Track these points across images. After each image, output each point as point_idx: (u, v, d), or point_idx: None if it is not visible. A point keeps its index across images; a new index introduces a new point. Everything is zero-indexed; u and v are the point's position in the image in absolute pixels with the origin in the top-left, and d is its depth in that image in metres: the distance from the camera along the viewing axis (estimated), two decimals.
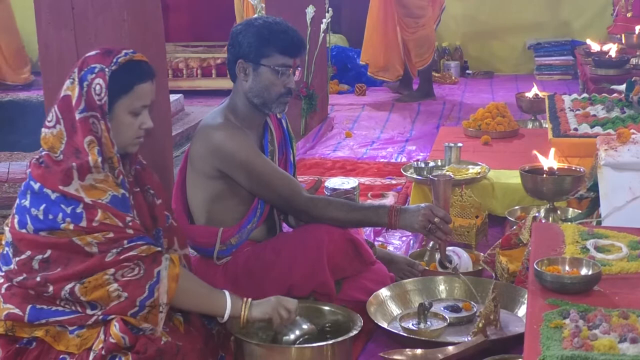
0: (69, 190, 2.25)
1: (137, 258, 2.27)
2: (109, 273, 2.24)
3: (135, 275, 2.26)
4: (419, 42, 7.64)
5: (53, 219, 2.24)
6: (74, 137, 2.30)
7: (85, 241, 2.24)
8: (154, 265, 2.29)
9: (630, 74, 5.77)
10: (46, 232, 2.26)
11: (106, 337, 2.25)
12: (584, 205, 3.33)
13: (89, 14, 3.14)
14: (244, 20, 3.02)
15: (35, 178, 2.29)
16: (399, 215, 2.90)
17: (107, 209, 2.26)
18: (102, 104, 2.31)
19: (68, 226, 2.24)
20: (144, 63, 2.42)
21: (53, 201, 2.25)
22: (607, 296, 2.10)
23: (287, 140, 3.16)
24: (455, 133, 5.20)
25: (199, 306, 2.44)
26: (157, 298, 2.27)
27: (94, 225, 2.24)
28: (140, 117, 2.40)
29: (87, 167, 2.27)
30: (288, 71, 2.90)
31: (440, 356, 2.58)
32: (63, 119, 2.32)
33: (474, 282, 3.09)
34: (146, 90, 2.40)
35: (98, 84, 2.31)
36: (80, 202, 2.24)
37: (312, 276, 2.86)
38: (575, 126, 4.08)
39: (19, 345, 2.30)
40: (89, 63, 2.35)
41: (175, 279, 2.30)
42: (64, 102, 2.34)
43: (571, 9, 9.48)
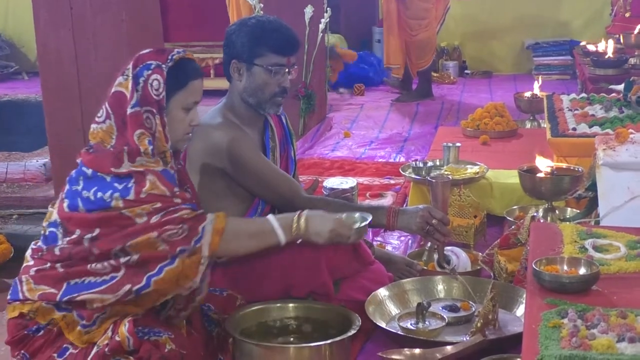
0: (121, 171, 2.30)
1: (181, 220, 2.30)
2: (153, 236, 2.27)
3: (180, 235, 2.29)
4: (420, 44, 7.64)
5: (101, 198, 2.28)
6: (125, 132, 2.35)
7: (134, 212, 2.28)
8: (198, 223, 2.33)
9: (629, 73, 5.77)
10: (97, 211, 2.29)
11: (113, 335, 2.26)
12: (583, 205, 3.33)
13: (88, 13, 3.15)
14: (238, 20, 3.01)
15: (88, 164, 2.34)
16: (397, 216, 2.90)
17: (157, 176, 2.31)
18: (160, 99, 2.36)
19: (117, 203, 2.27)
20: (194, 61, 2.50)
21: (107, 182, 2.29)
22: (606, 296, 2.10)
23: (287, 136, 3.16)
24: (454, 133, 5.20)
25: (253, 245, 2.48)
26: (199, 249, 2.30)
27: (141, 197, 2.28)
28: (190, 113, 2.47)
29: (137, 151, 2.32)
30: (282, 70, 2.90)
31: (439, 356, 2.58)
32: (114, 114, 2.37)
33: (472, 282, 3.09)
34: (198, 87, 2.48)
35: (155, 79, 2.36)
36: (131, 176, 2.29)
37: (311, 276, 2.86)
38: (573, 126, 4.08)
39: (27, 332, 2.33)
40: (144, 60, 2.40)
41: (219, 232, 2.34)
42: (115, 98, 2.38)
43: (570, 9, 9.49)
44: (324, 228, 2.54)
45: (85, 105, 3.28)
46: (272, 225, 2.48)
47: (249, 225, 2.52)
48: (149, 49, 2.46)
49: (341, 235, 2.58)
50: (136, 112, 2.33)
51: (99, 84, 3.23)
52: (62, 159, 3.38)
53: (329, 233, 2.55)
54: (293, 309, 2.77)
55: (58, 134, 3.37)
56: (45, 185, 4.39)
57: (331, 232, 2.55)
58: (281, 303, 2.76)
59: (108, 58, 3.19)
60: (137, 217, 2.27)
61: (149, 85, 2.35)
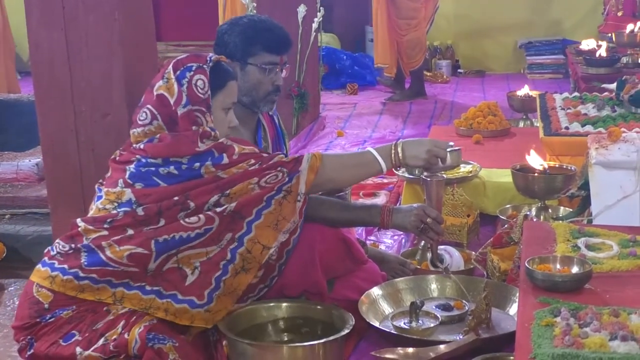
0: (202, 149, 2.38)
1: (280, 164, 2.42)
2: (253, 182, 2.37)
3: (280, 178, 2.41)
4: (410, 44, 7.64)
5: (189, 168, 2.35)
6: (176, 128, 2.41)
7: (231, 172, 2.37)
8: (297, 165, 2.47)
9: (621, 72, 5.78)
10: (185, 181, 2.36)
11: (123, 331, 2.27)
12: (575, 203, 3.34)
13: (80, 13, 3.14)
14: (229, 19, 3.02)
15: (157, 154, 2.39)
16: (392, 215, 2.90)
17: (240, 142, 2.44)
18: (206, 97, 2.44)
19: (208, 168, 2.36)
20: (227, 64, 2.59)
21: (186, 164, 2.37)
22: (598, 294, 2.10)
23: (280, 136, 3.16)
24: (447, 132, 5.20)
25: (357, 175, 2.70)
26: (295, 184, 2.43)
27: (234, 158, 2.39)
28: (229, 114, 2.55)
29: (208, 133, 2.40)
30: (275, 69, 2.91)
31: (432, 355, 2.58)
32: (160, 114, 2.44)
33: (465, 281, 3.09)
34: (235, 88, 2.57)
35: (200, 79, 2.44)
36: (212, 150, 2.38)
37: (304, 275, 2.85)
38: (566, 125, 4.08)
39: (40, 320, 2.36)
40: (184, 63, 2.47)
41: (315, 170, 2.48)
42: (159, 100, 2.45)
43: (562, 8, 9.51)
44: (421, 150, 2.66)
45: (78, 104, 3.27)
46: (373, 155, 2.62)
47: (349, 159, 2.69)
48: (185, 54, 2.54)
49: (438, 154, 2.68)
50: (187, 111, 2.41)
51: (92, 83, 3.23)
52: (55, 159, 3.37)
53: (426, 154, 2.66)
54: (286, 308, 2.77)
55: (51, 134, 3.36)
56: (38, 185, 4.37)
57: (428, 153, 2.67)
58: (274, 302, 2.76)
59: (101, 57, 3.18)
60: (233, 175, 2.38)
61: (194, 86, 2.43)
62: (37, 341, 2.36)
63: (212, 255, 2.37)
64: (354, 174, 2.69)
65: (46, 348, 2.34)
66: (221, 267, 2.39)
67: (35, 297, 2.39)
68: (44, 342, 2.35)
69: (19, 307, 2.44)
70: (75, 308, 2.37)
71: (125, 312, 2.36)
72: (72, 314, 2.36)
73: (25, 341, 2.38)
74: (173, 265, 2.36)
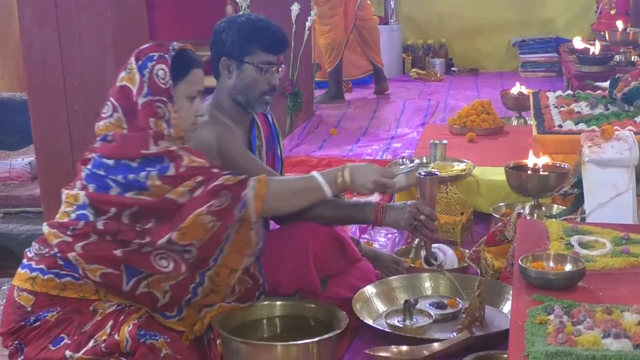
0: (151, 151, 2.32)
1: (224, 187, 2.34)
2: (203, 213, 2.30)
3: (225, 204, 2.33)
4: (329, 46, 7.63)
5: (135, 180, 2.30)
6: (135, 121, 2.37)
7: (178, 193, 2.30)
8: (240, 189, 2.38)
9: (614, 71, 5.79)
10: (133, 192, 2.31)
11: (112, 332, 2.26)
12: (569, 201, 3.34)
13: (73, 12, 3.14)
14: (226, 17, 3.02)
15: (109, 155, 2.34)
16: (385, 213, 2.90)
17: (191, 152, 2.36)
18: (168, 87, 2.40)
19: (154, 182, 2.29)
20: (192, 51, 2.54)
21: (135, 168, 2.31)
22: (591, 292, 2.11)
23: (274, 135, 3.16)
24: (441, 130, 5.21)
25: (297, 203, 2.58)
26: (245, 217, 2.37)
27: (181, 171, 2.32)
28: (195, 103, 2.50)
29: (161, 134, 2.35)
30: (272, 68, 2.89)
31: (426, 353, 2.58)
32: (121, 107, 2.39)
33: (459, 279, 3.10)
34: (200, 75, 2.52)
35: (161, 69, 2.39)
36: (163, 156, 2.32)
37: (298, 274, 2.86)
38: (559, 123, 4.09)
39: (25, 323, 2.33)
40: (146, 53, 2.43)
41: (261, 198, 2.40)
42: (120, 91, 2.41)
43: (555, 6, 9.51)
44: (367, 179, 2.61)
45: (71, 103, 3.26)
46: (317, 181, 2.56)
47: (293, 184, 2.61)
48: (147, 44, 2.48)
49: (385, 184, 2.64)
50: (148, 102, 2.37)
51: (85, 82, 3.22)
52: (48, 158, 3.37)
53: (372, 184, 2.62)
54: (280, 306, 2.77)
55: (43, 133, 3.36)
56: (31, 184, 4.37)
57: (374, 183, 2.62)
58: (268, 301, 2.75)
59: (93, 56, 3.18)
60: (180, 196, 2.31)
61: (155, 75, 2.39)
62: (27, 346, 2.33)
63: (181, 280, 2.35)
64: (298, 201, 2.59)
65: (36, 354, 2.31)
66: (191, 291, 2.38)
67: (17, 301, 2.36)
68: (34, 348, 2.32)
69: (3, 312, 2.40)
70: (59, 309, 2.34)
71: (113, 311, 2.34)
72: (58, 315, 2.33)
73: (13, 347, 2.36)
74: (144, 290, 2.34)
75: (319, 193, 2.58)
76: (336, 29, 7.57)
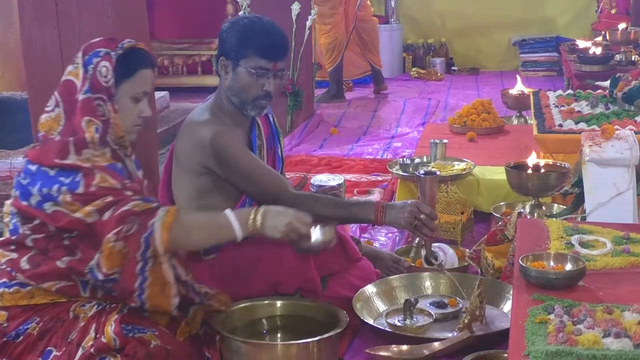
0: (66, 162, 2.26)
1: (132, 214, 2.25)
2: (112, 240, 2.23)
3: (132, 230, 2.24)
4: (325, 47, 7.62)
5: (48, 194, 2.24)
6: (73, 118, 2.32)
7: (85, 212, 2.23)
8: (148, 218, 2.27)
9: (615, 70, 5.80)
10: (50, 204, 2.25)
11: (97, 335, 2.24)
12: (569, 201, 3.34)
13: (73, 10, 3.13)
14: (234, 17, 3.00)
15: (33, 160, 2.30)
16: (385, 212, 2.90)
17: (105, 171, 2.27)
18: (109, 86, 2.34)
19: (65, 197, 2.23)
20: (145, 51, 2.46)
21: (51, 177, 2.25)
22: (592, 291, 2.11)
23: (274, 134, 3.15)
24: (441, 129, 5.21)
25: (208, 239, 2.45)
26: (154, 249, 2.25)
27: (91, 190, 2.24)
28: (140, 104, 2.43)
29: (83, 142, 2.28)
30: (267, 74, 2.86)
31: (426, 352, 2.58)
32: (63, 102, 2.35)
33: (459, 278, 3.10)
34: (148, 77, 2.44)
35: (104, 66, 2.34)
36: (78, 170, 2.25)
37: (298, 273, 2.85)
38: (560, 122, 4.09)
39: (7, 339, 2.29)
40: (94, 48, 2.38)
41: (168, 228, 2.26)
42: (65, 86, 2.36)
43: (556, 5, 9.52)
44: (281, 221, 2.43)
45: None
46: (228, 220, 2.40)
47: (203, 218, 2.49)
48: (99, 38, 2.43)
49: (298, 230, 2.45)
50: (87, 99, 2.32)
51: None
52: None
53: (285, 227, 2.44)
54: (280, 306, 2.77)
55: None
56: None
57: (287, 226, 2.44)
58: (268, 300, 2.76)
59: None
60: (87, 216, 2.22)
61: (98, 72, 2.33)
62: None
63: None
64: (205, 235, 2.42)
65: None
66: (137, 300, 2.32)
67: None
68: None
69: None
70: (38, 319, 2.31)
71: (94, 313, 2.31)
72: (39, 327, 2.30)
73: None
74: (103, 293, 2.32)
75: (229, 232, 2.39)
76: (337, 28, 7.57)
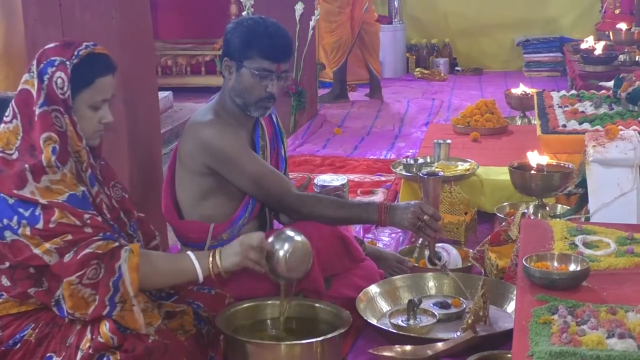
0: (24, 194, 2.18)
1: (95, 256, 2.20)
2: (74, 283, 2.19)
3: (99, 276, 2.20)
4: (329, 46, 7.62)
5: (8, 224, 2.18)
6: (31, 132, 2.24)
7: (44, 249, 2.17)
8: (113, 260, 2.22)
9: (619, 70, 5.79)
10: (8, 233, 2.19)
11: (94, 336, 2.24)
12: (573, 201, 3.34)
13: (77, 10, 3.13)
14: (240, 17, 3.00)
15: None
16: (389, 213, 2.90)
17: (64, 208, 2.19)
18: (66, 98, 2.25)
19: (25, 230, 2.17)
20: (105, 56, 2.36)
21: (10, 206, 2.18)
22: (596, 292, 2.11)
23: (277, 135, 3.15)
24: (444, 130, 5.21)
25: (171, 281, 2.41)
26: (124, 292, 2.22)
27: (50, 226, 2.17)
28: (100, 111, 2.35)
29: (40, 168, 2.19)
30: (270, 76, 2.86)
31: (430, 352, 2.58)
32: (20, 114, 2.26)
33: (463, 279, 3.10)
34: (107, 84, 2.34)
35: (60, 77, 2.25)
36: (36, 204, 2.18)
37: None
38: (563, 123, 4.09)
39: (4, 348, 2.28)
40: (49, 56, 2.28)
41: (135, 269, 2.23)
42: (21, 96, 2.27)
43: (559, 5, 9.51)
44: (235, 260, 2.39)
45: None
46: (191, 263, 2.37)
47: (167, 260, 2.43)
48: (55, 42, 2.34)
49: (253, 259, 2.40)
50: (44, 112, 2.23)
51: None
52: None
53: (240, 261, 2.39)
54: None
55: None
56: None
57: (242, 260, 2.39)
58: (272, 300, 2.76)
59: None
60: (46, 254, 2.18)
61: (54, 84, 2.24)
62: None
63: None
64: (169, 279, 2.40)
65: None
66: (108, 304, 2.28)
67: None
68: None
69: None
70: (33, 325, 2.29)
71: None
72: (35, 334, 2.28)
73: None
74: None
75: (192, 274, 2.37)
76: (342, 28, 7.57)
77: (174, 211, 3.01)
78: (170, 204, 3.02)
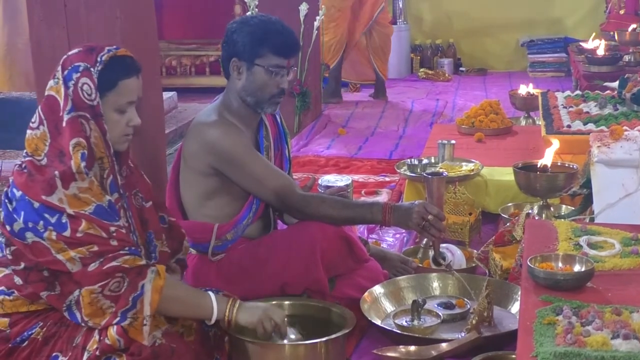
0: (52, 201, 2.19)
1: (121, 270, 2.21)
2: (96, 292, 2.20)
3: (121, 289, 2.22)
4: (328, 43, 7.61)
5: (34, 228, 2.19)
6: (58, 138, 2.25)
7: (68, 256, 2.18)
8: (138, 278, 2.24)
9: (623, 71, 5.78)
10: (30, 236, 2.20)
11: (101, 338, 2.24)
12: (577, 202, 3.34)
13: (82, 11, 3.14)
14: (239, 18, 3.02)
15: (18, 186, 2.23)
16: (393, 213, 2.90)
17: (91, 220, 2.20)
18: (95, 104, 2.26)
19: (50, 235, 2.18)
20: (128, 58, 2.36)
21: (35, 210, 2.19)
22: (600, 293, 2.11)
23: (282, 135, 3.16)
24: (449, 130, 5.20)
25: (185, 312, 2.42)
26: (140, 310, 2.23)
27: (78, 235, 2.18)
28: (127, 114, 2.35)
29: (70, 174, 2.20)
30: (282, 72, 2.89)
31: (434, 353, 2.58)
32: (46, 120, 2.27)
33: (467, 279, 3.09)
34: (131, 86, 2.34)
35: (86, 83, 2.25)
36: (63, 212, 2.19)
37: (306, 274, 2.86)
38: (568, 123, 4.09)
39: (12, 345, 2.29)
40: (72, 61, 2.29)
41: (158, 290, 2.26)
42: (47, 103, 2.29)
43: (564, 5, 9.50)
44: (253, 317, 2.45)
45: None
46: (211, 304, 2.40)
47: (188, 293, 2.44)
48: (78, 48, 2.34)
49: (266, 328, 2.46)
50: (72, 118, 2.24)
51: None
52: None
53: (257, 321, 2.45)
54: (288, 306, 2.77)
55: None
56: None
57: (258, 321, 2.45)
58: (276, 300, 2.76)
59: None
60: (70, 261, 2.18)
61: (80, 90, 2.25)
62: None
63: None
64: (184, 310, 2.40)
65: None
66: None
67: None
68: None
69: None
70: (41, 324, 2.30)
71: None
72: (43, 332, 2.29)
73: None
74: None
75: (207, 313, 2.40)
76: (338, 28, 7.54)
77: (178, 211, 3.01)
78: (175, 204, 3.02)
